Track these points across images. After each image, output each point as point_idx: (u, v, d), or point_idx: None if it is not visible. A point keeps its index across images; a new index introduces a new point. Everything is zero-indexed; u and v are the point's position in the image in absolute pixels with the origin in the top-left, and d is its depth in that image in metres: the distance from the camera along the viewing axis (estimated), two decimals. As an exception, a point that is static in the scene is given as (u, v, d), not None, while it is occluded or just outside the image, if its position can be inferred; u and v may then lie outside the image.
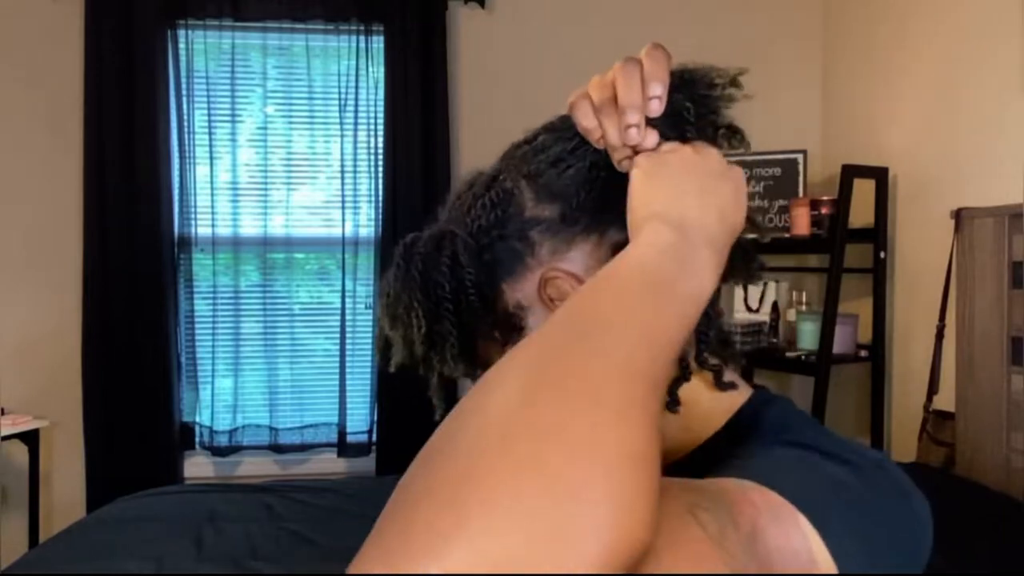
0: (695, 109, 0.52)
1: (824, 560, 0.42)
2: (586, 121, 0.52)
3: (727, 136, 0.54)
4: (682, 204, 0.48)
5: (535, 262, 0.55)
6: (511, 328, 0.56)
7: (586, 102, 0.52)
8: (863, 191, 2.70)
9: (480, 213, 0.56)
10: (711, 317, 0.54)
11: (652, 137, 0.51)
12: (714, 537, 0.40)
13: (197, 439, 2.99)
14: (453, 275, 0.55)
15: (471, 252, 0.56)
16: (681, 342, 0.42)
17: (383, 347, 0.60)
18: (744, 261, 0.58)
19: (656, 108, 0.50)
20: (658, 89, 0.50)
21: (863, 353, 2.81)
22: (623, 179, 0.52)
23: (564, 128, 0.56)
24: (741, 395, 0.57)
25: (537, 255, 0.55)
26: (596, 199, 0.54)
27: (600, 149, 0.53)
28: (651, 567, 0.35)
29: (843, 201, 2.63)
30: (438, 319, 0.56)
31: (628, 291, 0.42)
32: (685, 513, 0.40)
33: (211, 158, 2.94)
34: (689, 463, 0.54)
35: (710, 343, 0.55)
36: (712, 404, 0.56)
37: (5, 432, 2.61)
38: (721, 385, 0.56)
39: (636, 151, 0.51)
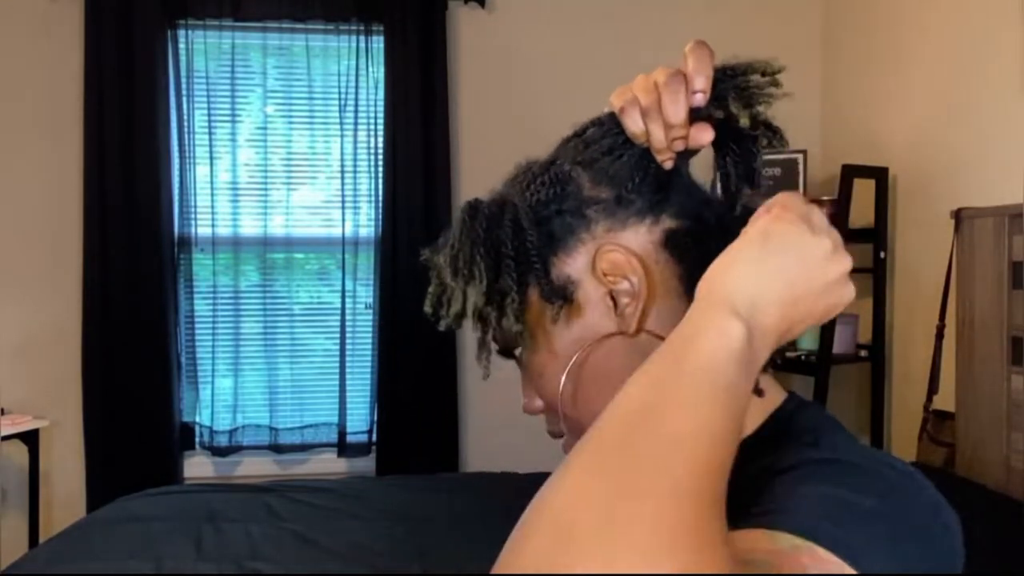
0: (739, 101, 0.54)
1: None
2: (634, 127, 0.54)
3: (765, 134, 0.56)
4: (765, 289, 0.46)
5: (590, 238, 0.57)
6: (561, 299, 0.57)
7: (635, 108, 0.54)
8: (863, 191, 2.70)
9: (539, 188, 0.58)
10: None
11: (707, 134, 0.54)
12: None
13: (197, 439, 2.99)
14: (515, 236, 0.57)
15: (530, 220, 0.58)
16: (737, 440, 0.42)
17: (435, 304, 0.61)
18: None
19: (700, 100, 0.52)
20: (702, 83, 0.52)
21: (863, 353, 2.81)
22: (674, 168, 0.56)
23: (613, 123, 0.58)
24: (775, 398, 0.59)
25: (592, 231, 0.57)
26: (650, 184, 0.57)
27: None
28: None
29: (843, 201, 2.63)
30: (499, 275, 0.57)
31: (699, 398, 0.42)
32: None
33: (211, 158, 2.94)
34: None
35: None
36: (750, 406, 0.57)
37: (5, 432, 2.61)
38: (756, 391, 0.56)
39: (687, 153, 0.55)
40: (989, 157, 2.34)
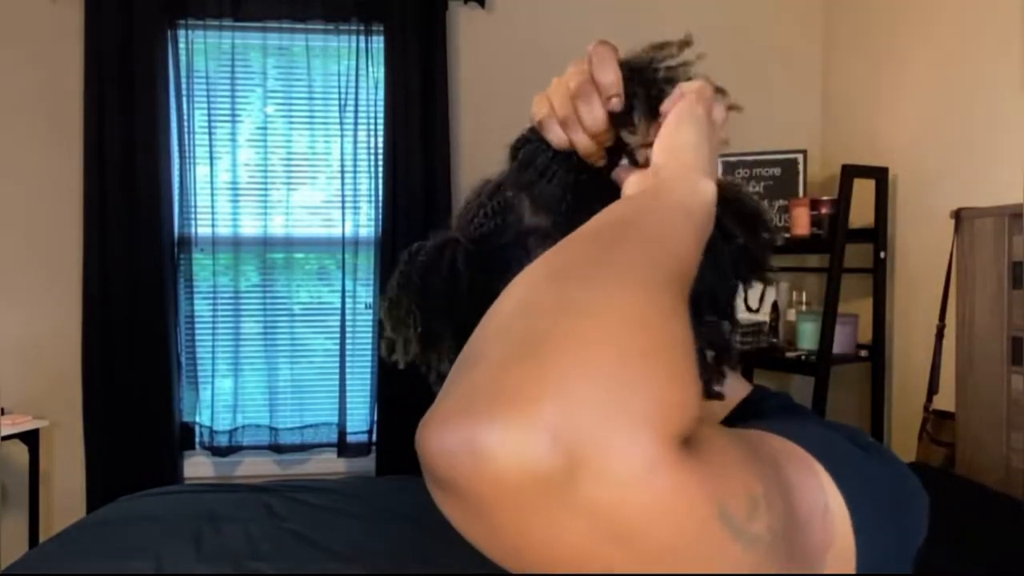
0: (653, 91, 0.56)
1: (837, 505, 0.44)
2: (557, 140, 0.57)
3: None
4: (704, 154, 0.52)
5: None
6: None
7: (552, 121, 0.56)
8: (863, 191, 2.70)
9: (482, 221, 0.60)
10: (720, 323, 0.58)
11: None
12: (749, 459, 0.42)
13: (197, 439, 2.99)
14: (452, 281, 0.58)
15: (471, 258, 0.59)
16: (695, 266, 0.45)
17: (388, 349, 0.63)
18: (754, 262, 0.61)
19: (616, 105, 0.54)
20: (613, 88, 0.54)
21: (863, 353, 2.81)
22: (608, 178, 0.57)
23: (539, 140, 0.59)
24: (740, 391, 0.61)
25: (532, 259, 0.57)
26: (583, 203, 0.57)
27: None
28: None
29: (843, 201, 2.63)
30: (434, 321, 0.59)
31: (674, 221, 0.45)
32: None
33: (211, 158, 2.94)
34: None
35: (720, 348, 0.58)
36: (715, 401, 0.59)
37: (5, 432, 2.61)
38: (710, 393, 0.58)
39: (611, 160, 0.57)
40: (989, 157, 2.34)
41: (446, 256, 0.59)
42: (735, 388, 0.60)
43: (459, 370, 0.36)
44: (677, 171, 0.50)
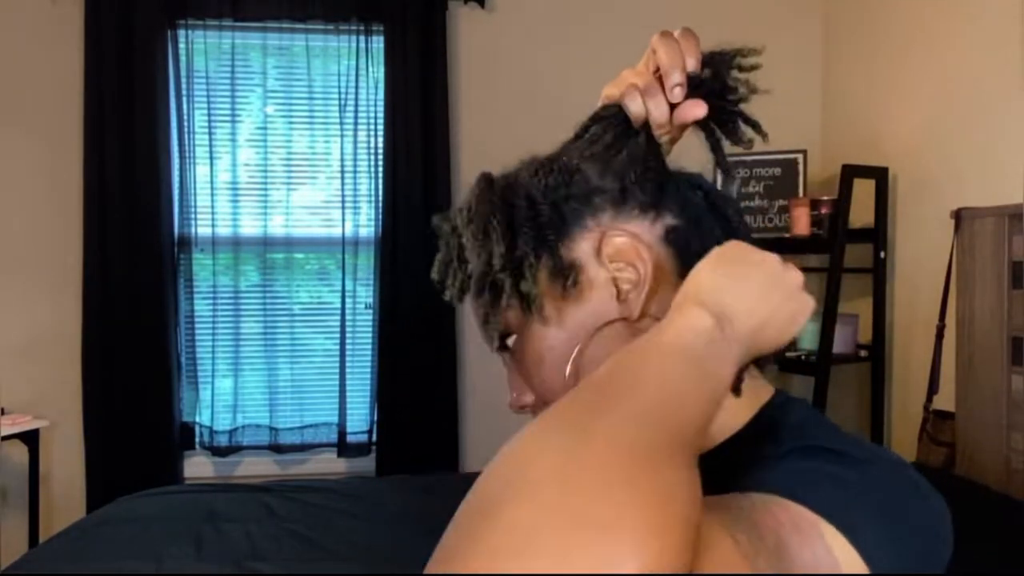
0: (726, 92, 0.60)
1: (851, 561, 0.44)
2: (635, 106, 0.58)
3: (751, 125, 0.61)
4: (732, 298, 0.50)
5: (595, 224, 0.58)
6: (563, 281, 0.58)
7: (634, 90, 0.58)
8: (863, 191, 2.70)
9: (547, 175, 0.60)
10: None
11: (701, 108, 0.58)
12: (748, 555, 0.42)
13: (197, 439, 2.98)
14: (530, 208, 0.58)
15: (542, 198, 0.59)
16: (709, 414, 0.44)
17: (442, 272, 0.62)
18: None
19: (693, 65, 0.58)
20: (692, 63, 0.58)
21: (863, 353, 2.81)
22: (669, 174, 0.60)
23: (610, 116, 0.60)
24: (763, 394, 0.61)
25: (598, 219, 0.58)
26: (652, 181, 0.59)
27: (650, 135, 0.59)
28: None
29: (843, 201, 2.64)
30: (516, 240, 0.58)
31: (666, 358, 0.45)
32: (721, 530, 0.43)
33: (211, 158, 2.94)
34: (717, 455, 0.56)
35: None
36: (737, 401, 0.59)
37: (5, 432, 2.61)
38: (734, 390, 0.57)
39: (684, 126, 0.60)
40: (989, 157, 2.34)
41: (520, 188, 0.59)
42: (756, 391, 0.60)
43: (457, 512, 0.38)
44: (680, 305, 0.50)
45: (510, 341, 0.61)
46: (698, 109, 0.58)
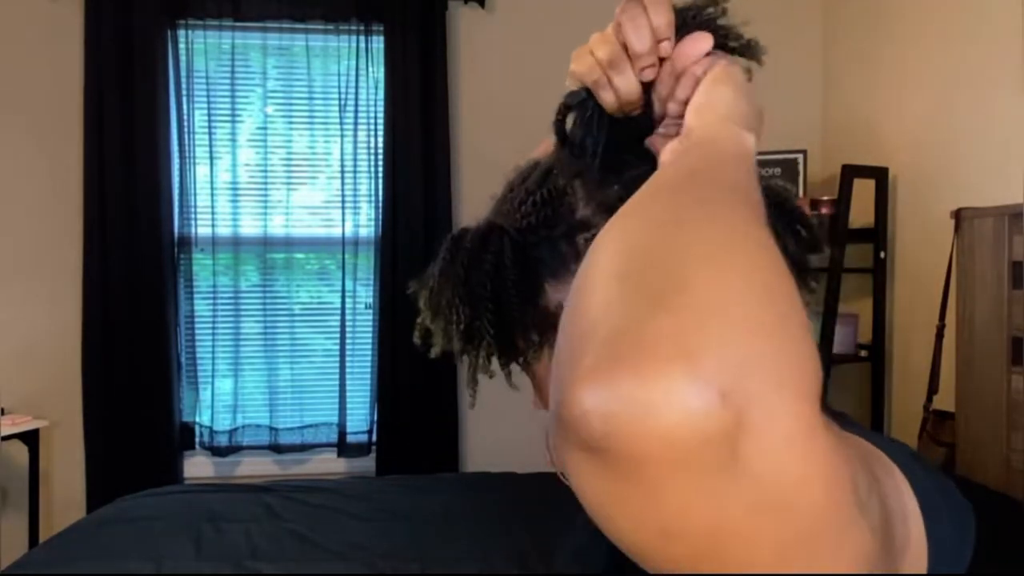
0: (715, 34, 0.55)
1: (913, 509, 0.43)
2: (606, 96, 0.55)
3: (748, 48, 0.59)
4: (756, 121, 0.50)
5: (576, 265, 0.56)
6: (549, 327, 0.56)
7: (598, 70, 0.56)
8: (863, 191, 2.70)
9: (531, 210, 0.56)
10: None
11: (705, 41, 0.55)
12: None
13: (197, 439, 2.99)
14: (497, 275, 0.55)
15: (517, 250, 0.56)
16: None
17: (423, 336, 0.61)
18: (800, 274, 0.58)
19: (668, 49, 0.53)
20: (665, 32, 0.53)
21: (863, 353, 2.81)
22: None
23: (578, 104, 0.58)
24: None
25: (580, 260, 0.56)
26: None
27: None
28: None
29: (843, 201, 2.64)
30: (477, 317, 0.56)
31: (737, 172, 0.43)
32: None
33: (211, 158, 2.94)
34: None
35: None
36: None
37: (5, 432, 2.61)
38: None
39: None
40: (989, 157, 2.34)
41: (491, 247, 0.56)
42: None
43: (577, 324, 0.33)
44: (716, 125, 0.48)
45: (514, 365, 0.60)
46: (702, 43, 0.54)
